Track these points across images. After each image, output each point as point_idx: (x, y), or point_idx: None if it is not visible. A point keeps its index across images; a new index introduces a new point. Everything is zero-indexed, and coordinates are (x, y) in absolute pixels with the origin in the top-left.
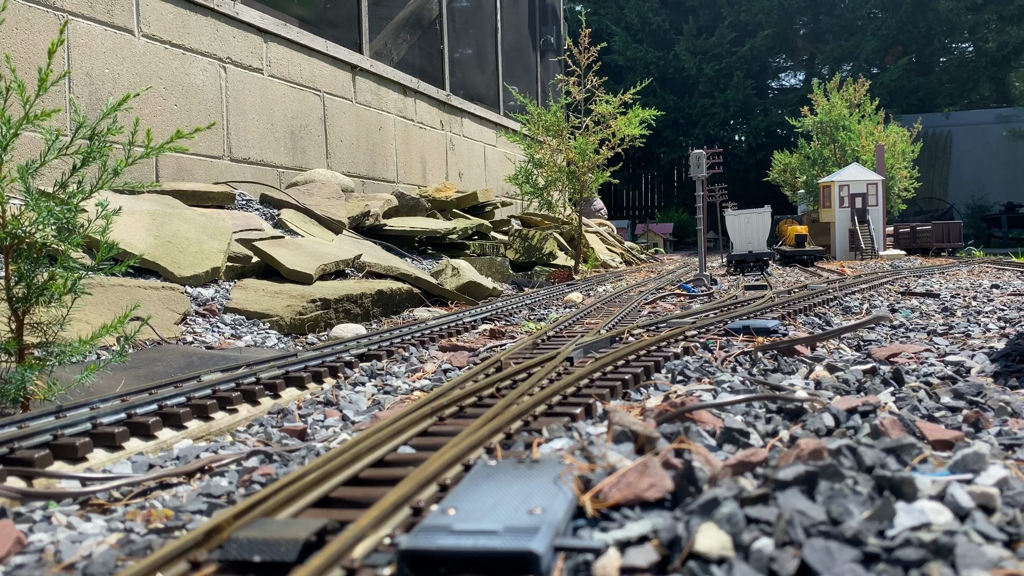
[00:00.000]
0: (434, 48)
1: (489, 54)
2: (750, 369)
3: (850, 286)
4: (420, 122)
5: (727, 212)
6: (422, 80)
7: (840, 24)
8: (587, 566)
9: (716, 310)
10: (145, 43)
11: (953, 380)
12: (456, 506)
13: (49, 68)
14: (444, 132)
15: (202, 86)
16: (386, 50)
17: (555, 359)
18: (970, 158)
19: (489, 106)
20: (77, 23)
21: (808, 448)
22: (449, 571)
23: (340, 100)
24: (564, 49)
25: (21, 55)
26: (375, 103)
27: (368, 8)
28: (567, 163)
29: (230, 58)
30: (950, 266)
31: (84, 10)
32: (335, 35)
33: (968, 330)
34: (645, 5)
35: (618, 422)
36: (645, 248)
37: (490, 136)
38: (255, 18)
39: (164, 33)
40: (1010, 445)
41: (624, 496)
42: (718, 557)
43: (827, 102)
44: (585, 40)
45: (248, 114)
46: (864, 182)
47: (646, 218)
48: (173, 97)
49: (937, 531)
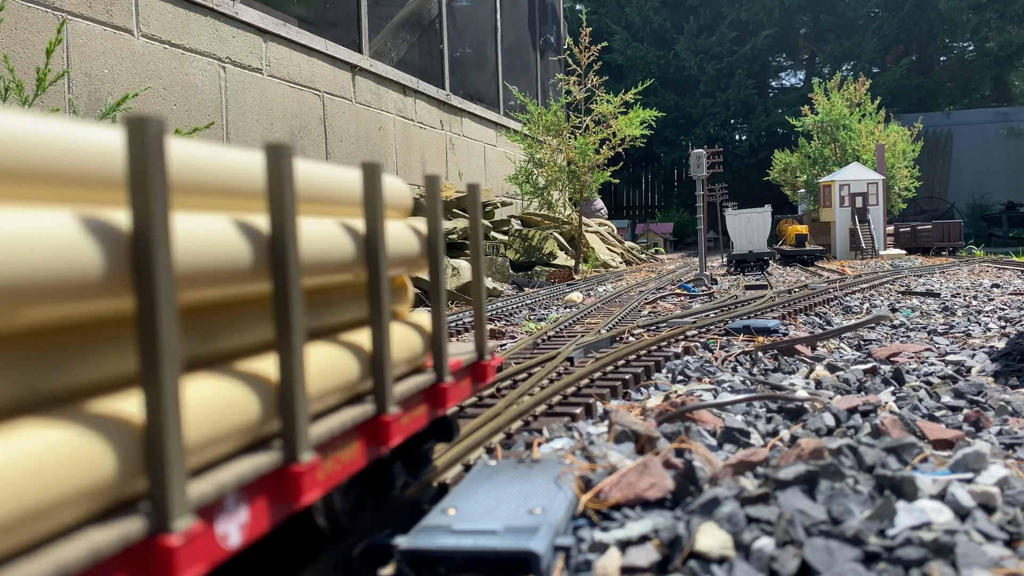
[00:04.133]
0: (434, 48)
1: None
2: (750, 369)
3: (850, 286)
4: (420, 122)
5: (727, 212)
6: (422, 80)
7: (841, 23)
8: (588, 565)
9: (716, 310)
10: (144, 43)
11: (954, 379)
12: (456, 506)
13: (47, 68)
14: (444, 132)
15: (201, 86)
16: (386, 50)
17: (555, 359)
18: (971, 157)
19: (489, 106)
20: (76, 23)
21: (809, 447)
22: (449, 571)
23: (340, 100)
24: (564, 48)
25: (20, 55)
26: (375, 103)
27: (368, 8)
28: (567, 163)
29: (229, 58)
30: (950, 265)
31: (83, 10)
32: (335, 35)
33: (968, 329)
34: (646, 4)
35: (619, 422)
36: (645, 248)
37: (490, 136)
38: (255, 18)
39: (163, 33)
40: (1011, 444)
41: (625, 496)
42: (719, 556)
43: (828, 101)
44: (585, 39)
45: (248, 114)
46: (864, 181)
47: (646, 218)
48: (172, 97)
49: (938, 530)
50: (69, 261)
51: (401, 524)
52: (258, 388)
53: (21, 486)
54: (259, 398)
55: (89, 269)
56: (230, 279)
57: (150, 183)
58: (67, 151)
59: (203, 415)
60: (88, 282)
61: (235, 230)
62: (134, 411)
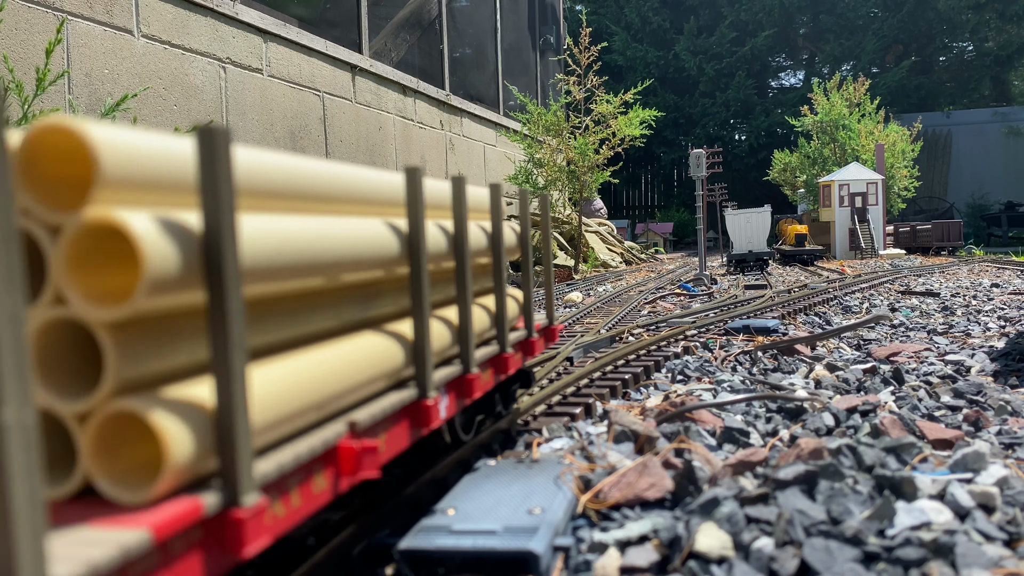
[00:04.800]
0: (434, 48)
1: (489, 54)
2: (750, 368)
3: (850, 285)
4: (420, 122)
5: (727, 211)
6: (422, 80)
7: (840, 23)
8: (587, 565)
9: (716, 309)
10: (144, 43)
11: (953, 379)
12: (455, 506)
13: (47, 68)
14: (444, 132)
15: (202, 86)
16: (386, 50)
17: (555, 359)
18: (970, 157)
19: (489, 106)
20: (76, 23)
21: (808, 447)
22: (448, 571)
23: (340, 100)
24: (564, 48)
25: (20, 55)
26: (375, 103)
27: (368, 8)
28: (567, 163)
29: (230, 58)
30: (950, 265)
31: (83, 10)
32: (335, 35)
33: (968, 329)
34: (645, 4)
35: (618, 422)
36: (645, 247)
37: (490, 136)
38: (255, 18)
39: (163, 33)
40: (1010, 444)
41: (624, 496)
42: (718, 556)
43: (827, 101)
44: (585, 40)
45: (248, 114)
46: (864, 181)
47: (646, 217)
48: (173, 97)
49: (937, 530)
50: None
51: (400, 524)
52: (402, 343)
53: (313, 379)
54: (402, 350)
55: (388, 252)
56: (388, 264)
57: (417, 208)
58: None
59: (375, 357)
60: (389, 259)
61: (388, 230)
62: (371, 342)
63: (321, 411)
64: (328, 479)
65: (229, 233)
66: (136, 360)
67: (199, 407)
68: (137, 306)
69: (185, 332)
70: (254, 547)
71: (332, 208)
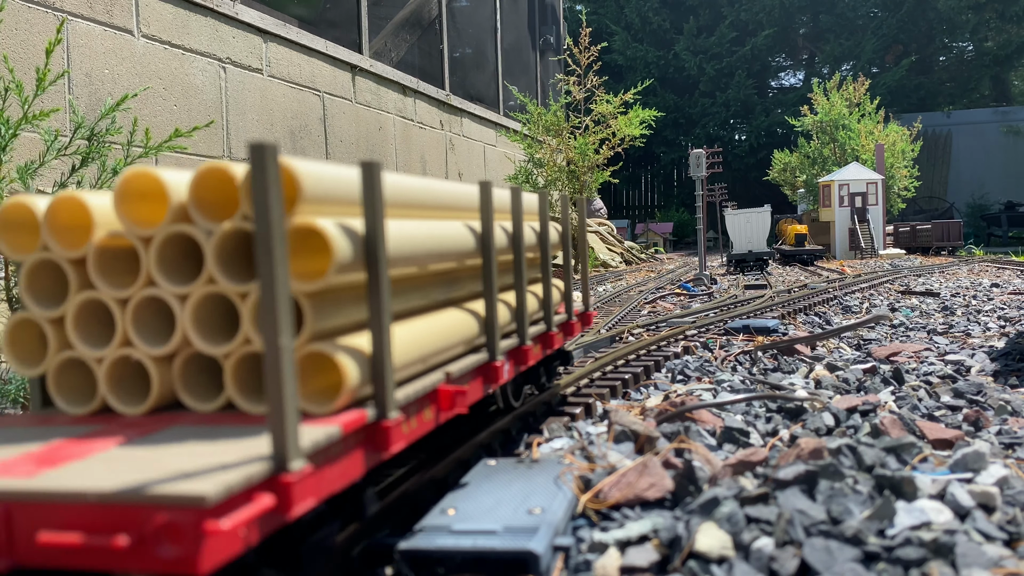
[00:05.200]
0: (434, 48)
1: (489, 54)
2: (750, 368)
3: (850, 285)
4: (420, 122)
5: (727, 211)
6: (422, 80)
7: (840, 23)
8: (587, 565)
9: (716, 309)
10: (145, 43)
11: (953, 379)
12: (455, 506)
13: (47, 68)
14: (444, 132)
15: (202, 86)
16: (386, 50)
17: None
18: (970, 157)
19: (489, 106)
20: (76, 23)
21: (808, 447)
22: (448, 571)
23: (340, 100)
24: (564, 48)
25: (20, 56)
26: (375, 103)
27: (368, 8)
28: (567, 163)
29: (230, 58)
30: (950, 265)
31: (83, 10)
32: (335, 35)
33: (968, 329)
34: (645, 4)
35: (618, 422)
36: (645, 247)
37: (490, 136)
38: (255, 18)
39: (163, 33)
40: (1010, 444)
41: (624, 496)
42: (718, 556)
43: (827, 101)
44: (585, 39)
45: (248, 114)
46: (864, 181)
47: (646, 217)
48: (173, 97)
49: (937, 530)
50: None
51: (400, 524)
52: (476, 317)
53: (420, 341)
54: (477, 323)
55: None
56: (466, 255)
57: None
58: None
59: (458, 327)
60: (468, 252)
61: (467, 230)
62: (456, 317)
63: (425, 364)
64: (433, 411)
65: (380, 233)
66: (322, 318)
67: (361, 351)
68: (328, 282)
69: (348, 301)
70: (396, 447)
71: (431, 214)
